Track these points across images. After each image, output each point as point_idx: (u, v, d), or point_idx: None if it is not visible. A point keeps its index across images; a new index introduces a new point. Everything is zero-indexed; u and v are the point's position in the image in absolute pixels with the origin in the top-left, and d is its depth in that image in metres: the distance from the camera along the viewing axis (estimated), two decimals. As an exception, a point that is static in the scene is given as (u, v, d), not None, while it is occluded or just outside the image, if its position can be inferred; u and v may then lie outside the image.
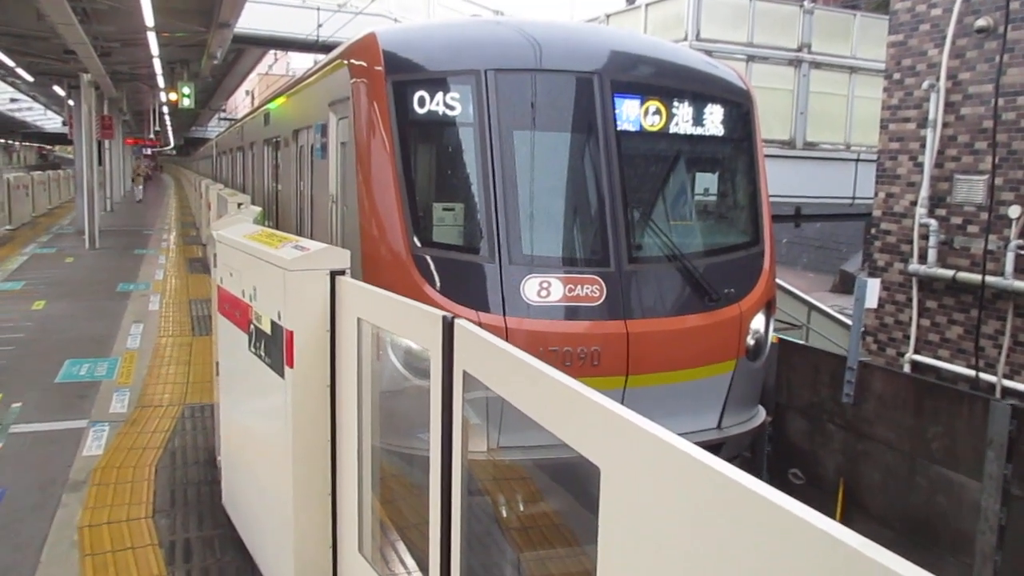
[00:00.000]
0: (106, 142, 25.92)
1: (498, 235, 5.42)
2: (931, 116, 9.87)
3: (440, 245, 5.60)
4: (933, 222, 9.79)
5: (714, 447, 5.48)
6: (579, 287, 5.41)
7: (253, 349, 3.85)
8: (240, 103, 60.39)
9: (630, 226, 5.69)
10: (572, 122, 5.83)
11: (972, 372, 9.36)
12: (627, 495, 1.63)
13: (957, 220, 9.70)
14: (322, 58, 8.36)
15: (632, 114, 5.87)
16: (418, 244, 5.47)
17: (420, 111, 5.59)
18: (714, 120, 6.24)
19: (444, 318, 2.45)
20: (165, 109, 35.84)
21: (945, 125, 9.81)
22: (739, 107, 6.45)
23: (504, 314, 5.26)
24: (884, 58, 11.02)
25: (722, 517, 1.36)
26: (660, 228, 5.93)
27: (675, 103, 6.03)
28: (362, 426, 3.23)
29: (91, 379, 7.50)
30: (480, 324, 4.52)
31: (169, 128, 52.54)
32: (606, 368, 5.33)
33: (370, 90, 5.76)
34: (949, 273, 9.59)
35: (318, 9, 24.99)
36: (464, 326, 2.38)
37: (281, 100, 11.39)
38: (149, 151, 61.42)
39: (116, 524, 4.58)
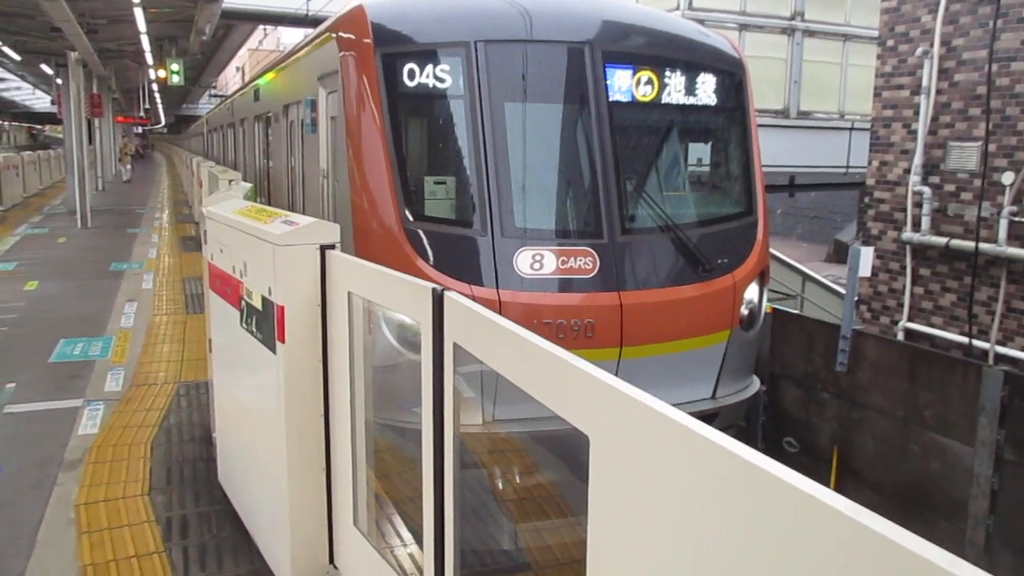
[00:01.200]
0: (96, 121, 25.74)
1: (490, 208, 5.38)
2: (924, 83, 9.82)
3: (432, 219, 5.56)
4: (927, 190, 9.78)
5: (709, 417, 5.48)
6: (572, 259, 5.38)
7: (245, 325, 3.84)
8: (231, 79, 59.89)
9: (623, 197, 5.66)
10: (563, 93, 5.78)
11: (965, 339, 9.40)
12: (616, 463, 1.63)
13: (951, 187, 9.69)
14: (311, 32, 8.38)
15: (624, 84, 5.82)
16: (410, 218, 5.43)
17: (410, 84, 5.54)
18: (706, 90, 6.19)
19: (434, 290, 2.44)
20: (155, 87, 35.56)
21: (939, 92, 9.77)
22: (732, 76, 6.40)
23: (497, 287, 5.24)
24: (878, 25, 10.95)
25: (712, 485, 1.36)
26: (653, 199, 5.90)
27: (667, 73, 5.99)
28: (355, 399, 3.23)
29: (85, 358, 7.49)
30: (473, 298, 4.49)
31: (159, 106, 52.17)
32: (600, 340, 5.32)
33: (359, 63, 5.71)
34: (943, 240, 9.59)
35: (307, -18, 24.72)
36: (454, 298, 2.37)
37: (271, 76, 11.29)
38: (140, 129, 61.01)
39: (112, 502, 4.59)
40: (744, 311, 6.01)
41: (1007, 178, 8.87)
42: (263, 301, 3.51)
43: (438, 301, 2.43)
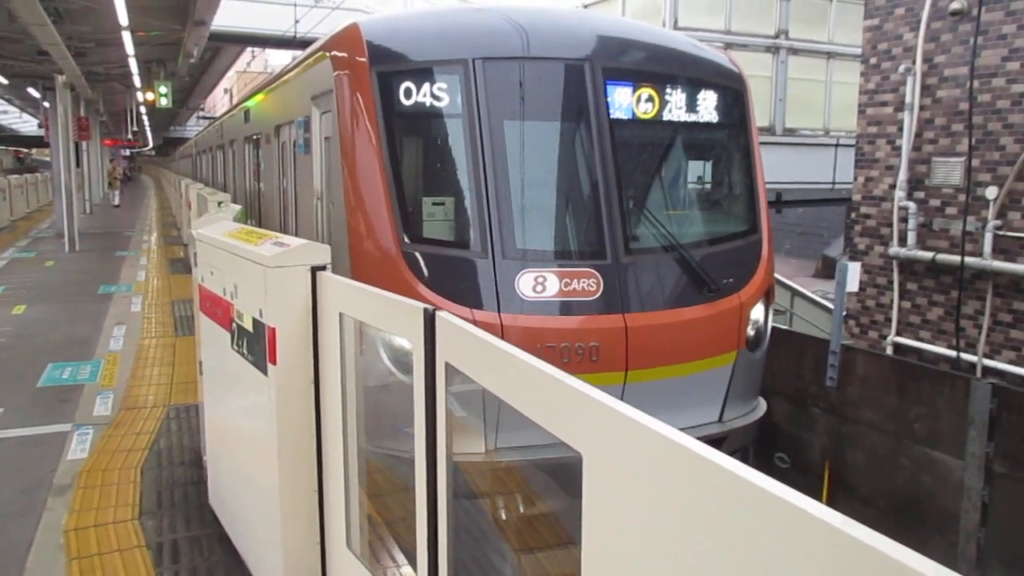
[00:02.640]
0: (83, 144, 25.68)
1: (490, 229, 5.26)
2: (908, 99, 9.93)
3: (431, 241, 5.42)
4: (912, 205, 9.87)
5: (716, 441, 5.40)
6: (575, 281, 5.26)
7: (236, 347, 3.83)
8: (219, 101, 59.93)
9: (626, 217, 5.54)
10: (563, 111, 5.68)
11: (953, 352, 9.45)
12: (609, 480, 1.64)
13: (936, 202, 9.78)
14: (301, 53, 8.21)
15: (625, 101, 5.72)
16: (408, 240, 5.30)
17: (406, 103, 5.42)
18: (708, 106, 6.10)
19: (425, 310, 2.45)
20: (143, 109, 35.50)
21: (922, 108, 9.88)
22: (733, 92, 6.31)
23: (499, 310, 5.11)
24: (861, 43, 11.09)
25: (705, 501, 1.37)
26: (656, 218, 5.76)
27: (668, 89, 5.89)
28: (347, 421, 3.23)
29: (74, 382, 7.45)
30: (474, 322, 4.41)
31: (147, 128, 52.08)
32: (605, 363, 5.20)
33: (354, 82, 5.60)
34: (929, 255, 9.67)
35: (295, 4, 24.79)
36: (446, 318, 2.38)
37: (261, 96, 11.18)
38: (128, 152, 60.87)
39: (102, 527, 4.56)
40: (750, 331, 5.89)
41: (991, 192, 8.96)
42: (254, 323, 3.51)
43: (429, 321, 2.44)
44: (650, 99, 5.82)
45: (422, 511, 2.54)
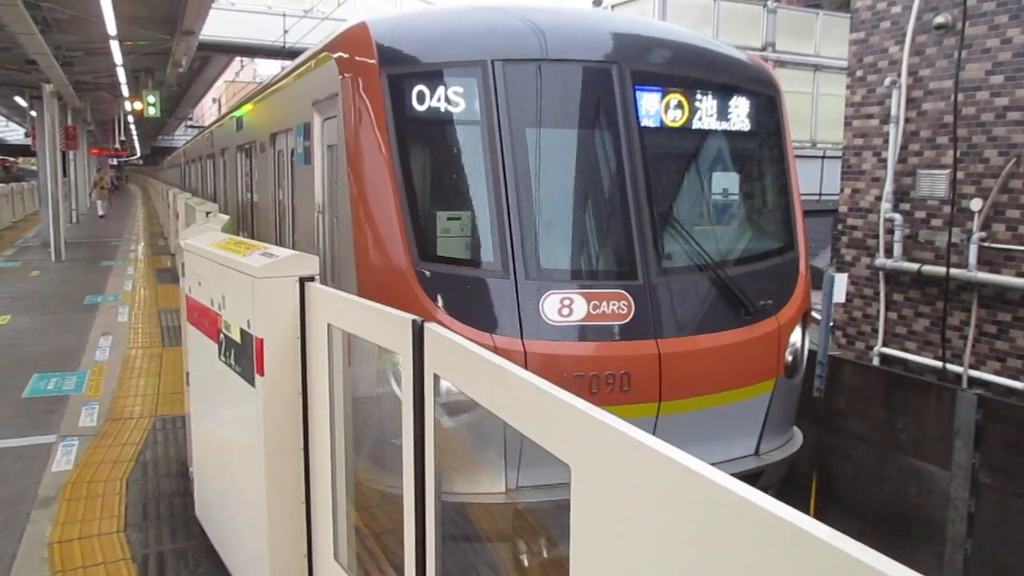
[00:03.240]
0: (70, 153, 25.57)
1: (512, 246, 4.83)
2: (893, 112, 10.02)
3: (446, 259, 4.97)
4: (898, 216, 9.94)
5: (752, 477, 5.10)
6: (604, 303, 4.84)
7: (223, 358, 3.82)
8: (207, 111, 59.82)
9: (657, 233, 5.11)
10: (590, 118, 5.23)
11: (939, 363, 9.51)
12: (598, 492, 1.64)
13: (921, 214, 9.86)
14: (301, 56, 7.72)
15: (655, 108, 5.29)
16: (421, 258, 4.86)
17: (419, 108, 4.97)
18: (742, 113, 5.68)
19: (414, 321, 2.45)
20: (130, 118, 35.38)
21: (907, 121, 9.97)
22: (767, 98, 5.88)
23: (522, 336, 4.68)
24: (847, 56, 11.18)
25: (694, 513, 1.37)
26: (690, 235, 5.29)
27: (700, 95, 5.47)
28: (335, 433, 3.22)
29: (59, 393, 7.39)
30: (495, 348, 4.31)
31: (135, 137, 51.92)
32: (637, 394, 4.79)
33: (362, 85, 5.16)
34: (914, 266, 9.74)
35: (284, 15, 24.83)
36: (434, 330, 2.38)
37: (256, 103, 10.70)
38: (115, 161, 60.65)
39: (87, 539, 4.52)
40: (788, 357, 5.48)
41: (975, 204, 9.05)
42: (242, 334, 3.50)
43: (418, 332, 2.44)
44: (681, 105, 5.39)
45: (410, 522, 2.53)
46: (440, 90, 4.98)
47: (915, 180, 9.90)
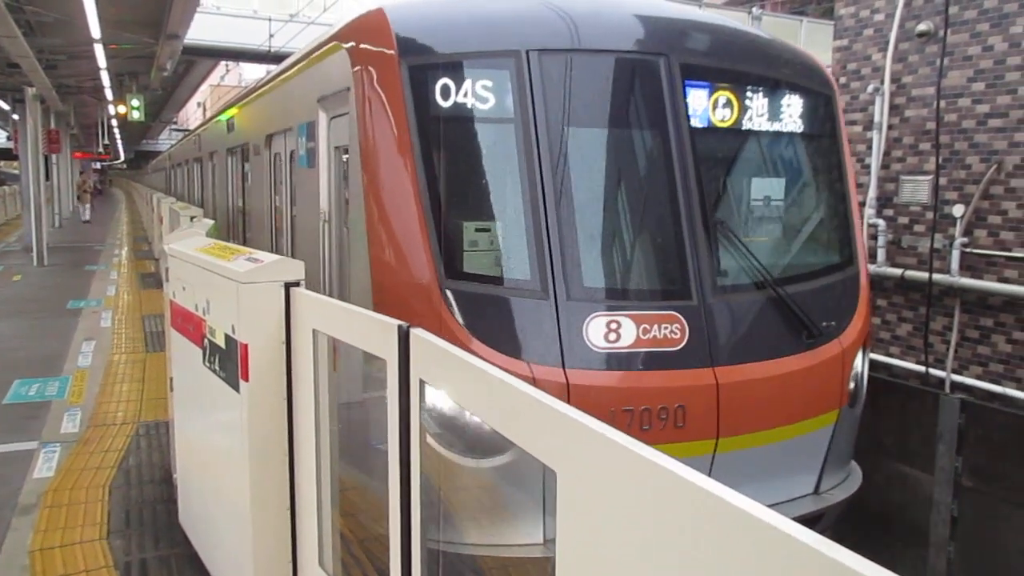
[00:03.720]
0: (53, 157, 25.39)
1: (551, 262, 4.28)
2: (876, 119, 10.10)
3: (477, 277, 4.41)
4: (881, 222, 10.02)
5: (812, 519, 4.66)
6: (656, 327, 4.29)
7: (207, 364, 3.80)
8: (192, 115, 59.57)
9: (713, 247, 4.58)
10: (636, 117, 4.70)
11: (922, 368, 9.58)
12: (584, 498, 1.64)
13: (904, 220, 9.93)
14: (302, 47, 7.12)
15: (708, 107, 4.77)
16: (448, 276, 4.31)
17: (444, 104, 4.42)
18: (802, 114, 5.17)
19: (400, 327, 2.45)
20: (114, 122, 35.18)
21: (890, 127, 10.05)
22: (824, 97, 5.38)
23: (564, 365, 4.13)
24: (830, 62, 11.27)
25: (679, 518, 1.38)
26: (748, 249, 4.74)
27: (757, 93, 4.95)
28: (320, 439, 3.21)
29: (41, 399, 7.32)
30: (534, 380, 3.93)
31: (119, 141, 51.62)
32: (692, 430, 4.26)
33: (379, 79, 4.62)
34: (898, 272, 9.81)
35: (269, 19, 24.77)
36: (420, 335, 2.38)
37: (250, 101, 10.02)
38: (99, 165, 60.28)
39: (69, 547, 4.47)
40: (851, 384, 4.98)
41: (958, 210, 9.12)
42: (226, 339, 3.48)
43: (404, 338, 2.43)
44: (736, 104, 4.88)
45: (395, 528, 2.52)
46: (467, 84, 4.43)
47: (898, 186, 9.98)
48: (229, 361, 3.47)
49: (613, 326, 4.24)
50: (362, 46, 4.92)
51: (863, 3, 10.43)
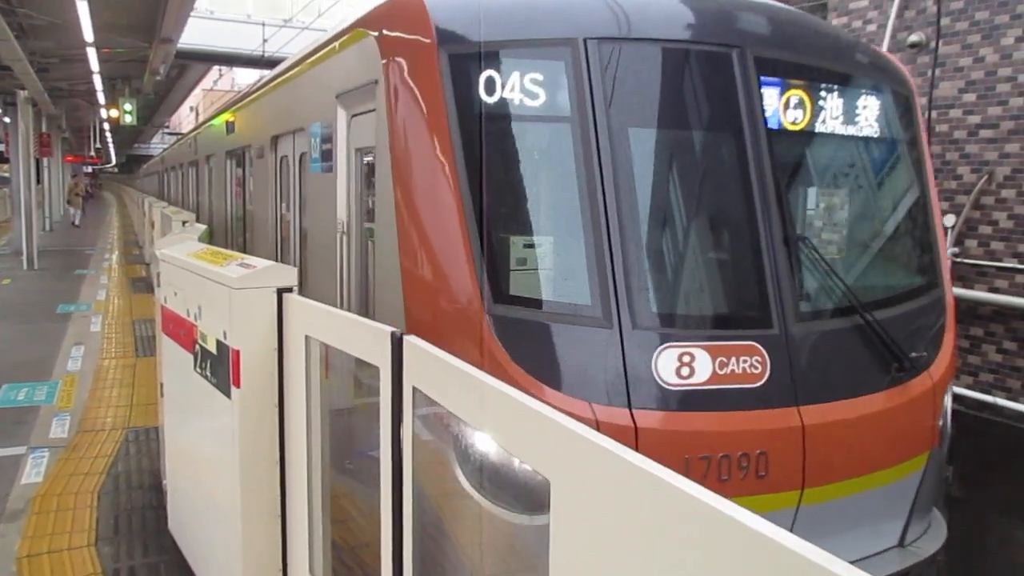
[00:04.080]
0: (44, 160, 25.31)
1: (614, 284, 3.69)
2: (868, 129, 10.15)
3: (528, 301, 3.80)
4: (873, 232, 10.06)
5: None
6: (733, 360, 3.70)
7: (199, 369, 3.78)
8: (184, 119, 59.47)
9: (795, 269, 3.97)
10: (710, 117, 4.15)
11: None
12: (577, 507, 1.63)
13: (895, 229, 9.98)
14: (318, 38, 6.45)
15: (786, 107, 4.19)
16: (496, 300, 3.69)
17: (489, 100, 3.83)
18: (880, 116, 4.63)
19: (392, 334, 2.44)
20: (106, 126, 35.10)
21: (882, 137, 10.11)
22: (904, 99, 4.87)
23: (630, 406, 3.55)
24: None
25: (673, 528, 1.37)
26: (834, 271, 4.15)
27: (833, 92, 4.38)
28: (311, 445, 3.19)
29: (30, 404, 7.27)
30: (597, 424, 3.43)
31: (111, 145, 51.50)
32: (776, 480, 3.67)
33: (414, 71, 4.04)
34: (889, 281, 9.85)
35: (263, 24, 24.78)
36: (414, 342, 2.37)
37: (251, 100, 9.29)
38: (90, 168, 60.10)
39: (57, 553, 4.44)
40: (941, 422, 4.39)
41: (948, 220, 9.16)
42: (218, 345, 3.47)
43: (397, 345, 2.42)
44: (807, 103, 4.29)
45: (387, 536, 2.51)
46: (516, 77, 3.84)
47: (889, 196, 10.03)
48: (221, 367, 3.46)
49: (686, 359, 3.65)
50: (394, 33, 4.33)
51: (855, 14, 10.50)
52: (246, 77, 39.57)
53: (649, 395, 3.59)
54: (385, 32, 4.41)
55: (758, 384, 3.73)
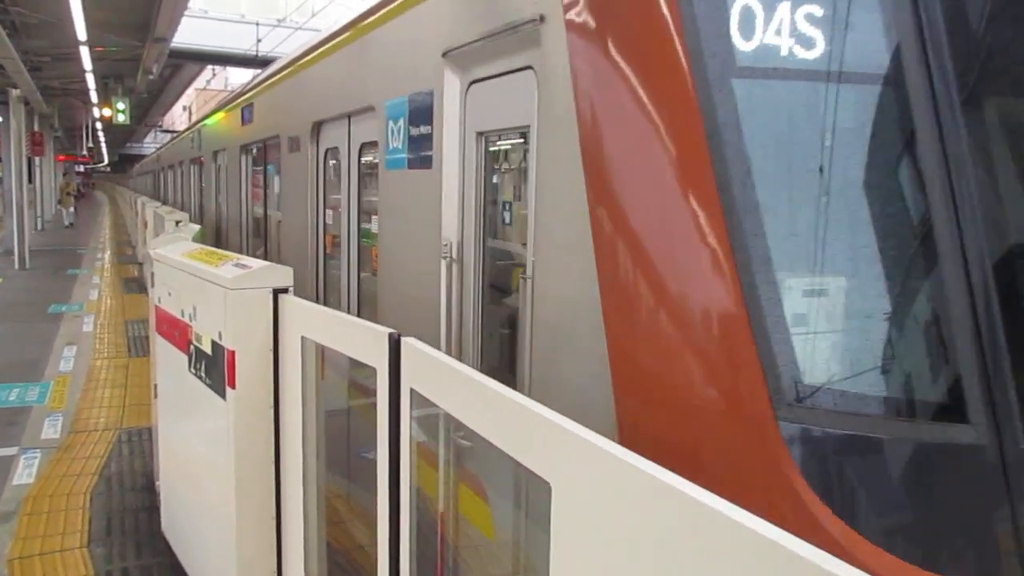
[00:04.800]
0: (36, 159, 25.20)
1: (1003, 372, 2.15)
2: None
3: (850, 397, 2.20)
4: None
5: None
6: None
7: (193, 370, 3.75)
8: (177, 118, 59.35)
9: None
10: None
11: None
12: (579, 510, 1.62)
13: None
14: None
15: None
16: (795, 395, 2.17)
17: (746, 48, 2.31)
18: None
19: (391, 335, 2.42)
20: (99, 125, 34.98)
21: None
22: None
23: None
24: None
25: (676, 532, 1.36)
26: None
27: None
28: (307, 447, 3.17)
29: (21, 404, 7.23)
30: None
31: (103, 144, 51.35)
32: None
33: (627, 4, 2.54)
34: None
35: (257, 24, 24.73)
36: (412, 343, 2.35)
37: (279, 81, 7.60)
38: (82, 168, 59.90)
39: (49, 555, 4.41)
40: None
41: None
42: (213, 345, 3.44)
43: (395, 346, 2.41)
44: None
45: (383, 539, 2.50)
46: (784, 8, 2.31)
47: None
48: (215, 368, 3.43)
49: None
50: None
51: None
52: (239, 77, 39.50)
53: None
54: None
55: None
